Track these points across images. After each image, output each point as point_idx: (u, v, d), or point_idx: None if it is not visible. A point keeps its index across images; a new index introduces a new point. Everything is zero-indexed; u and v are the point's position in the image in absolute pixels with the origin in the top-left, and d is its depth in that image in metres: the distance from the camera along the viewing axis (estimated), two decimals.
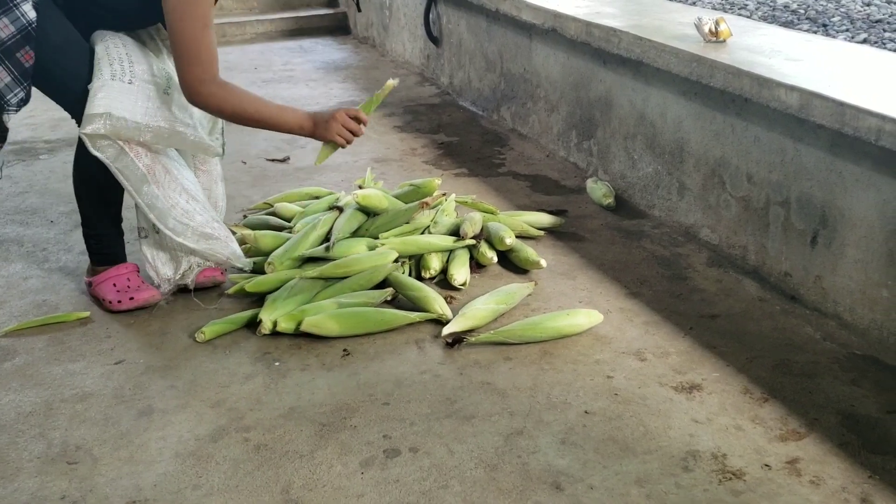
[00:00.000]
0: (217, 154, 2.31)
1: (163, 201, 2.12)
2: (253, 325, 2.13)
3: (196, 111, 2.19)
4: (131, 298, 2.23)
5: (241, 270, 2.32)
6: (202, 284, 2.33)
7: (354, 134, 2.19)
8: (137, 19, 2.15)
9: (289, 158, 3.41)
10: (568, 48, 3.13)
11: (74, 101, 2.05)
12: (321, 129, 2.15)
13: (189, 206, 2.16)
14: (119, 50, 2.07)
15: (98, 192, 2.23)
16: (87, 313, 2.23)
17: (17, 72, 1.97)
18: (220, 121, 2.31)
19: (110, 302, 2.23)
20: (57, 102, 2.14)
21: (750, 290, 2.29)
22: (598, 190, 2.88)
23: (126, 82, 2.04)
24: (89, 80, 2.03)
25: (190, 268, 2.26)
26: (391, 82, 2.22)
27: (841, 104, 1.92)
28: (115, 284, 2.25)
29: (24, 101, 2.02)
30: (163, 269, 2.25)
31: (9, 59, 1.95)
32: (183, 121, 2.13)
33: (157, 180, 2.11)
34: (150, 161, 2.10)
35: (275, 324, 2.09)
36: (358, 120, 2.19)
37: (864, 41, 5.24)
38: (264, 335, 2.10)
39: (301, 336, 2.09)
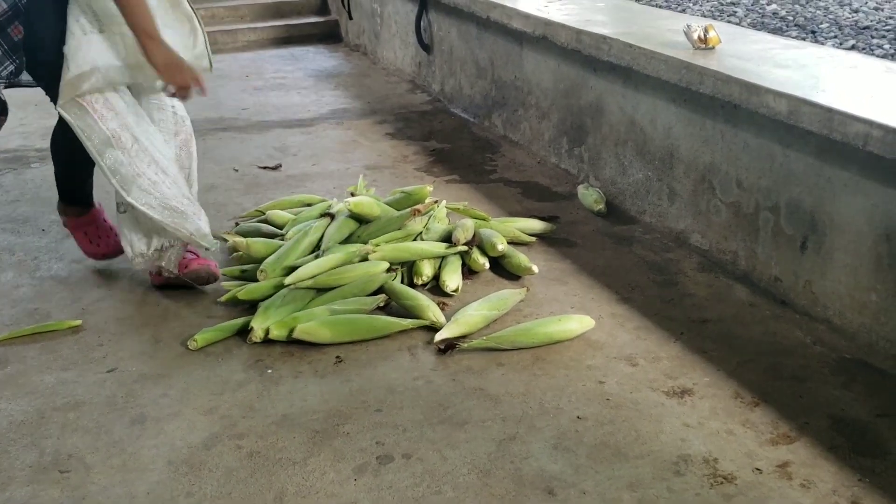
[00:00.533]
0: (206, 70, 2.29)
1: (127, 168, 2.15)
2: (246, 332, 2.13)
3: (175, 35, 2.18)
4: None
5: (206, 250, 2.32)
6: (197, 273, 2.35)
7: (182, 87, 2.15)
8: None
9: (280, 166, 3.41)
10: (558, 55, 3.15)
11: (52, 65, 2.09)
12: (160, 54, 2.08)
13: (157, 178, 2.19)
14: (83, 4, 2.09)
15: (68, 156, 2.34)
16: (78, 322, 2.23)
17: (7, 46, 2.03)
18: (201, 37, 2.28)
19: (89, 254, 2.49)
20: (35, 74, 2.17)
21: (740, 295, 2.31)
22: (590, 196, 2.90)
23: (98, 31, 2.09)
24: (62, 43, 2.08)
25: (163, 247, 2.28)
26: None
27: (829, 110, 1.94)
28: (86, 233, 2.47)
29: (14, 74, 2.07)
30: (137, 244, 2.27)
31: (0, 34, 2.01)
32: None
33: (124, 147, 2.14)
34: (116, 126, 2.14)
35: (267, 331, 2.09)
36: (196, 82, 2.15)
37: (853, 47, 5.28)
38: (257, 343, 2.10)
39: (294, 343, 2.09)
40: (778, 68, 2.29)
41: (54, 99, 2.14)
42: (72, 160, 2.34)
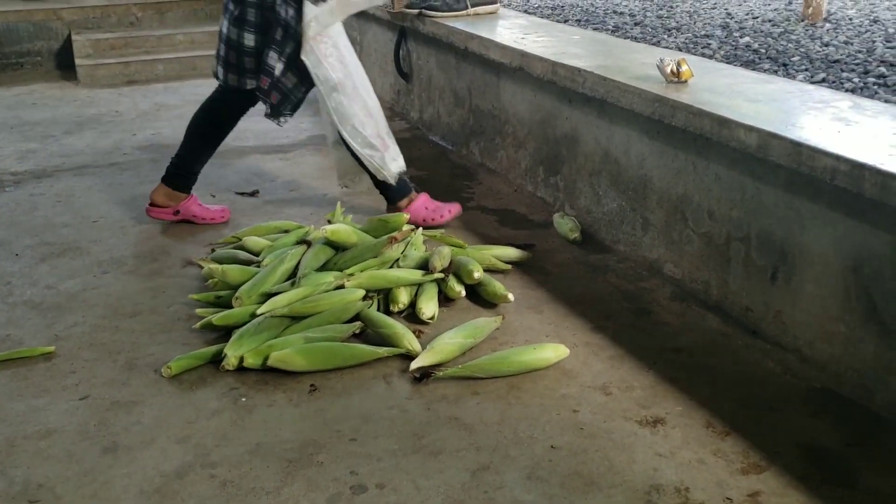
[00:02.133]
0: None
1: (346, 108, 2.79)
2: (220, 360, 2.12)
3: None
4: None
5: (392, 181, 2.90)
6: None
7: None
8: None
9: (258, 192, 3.41)
10: (535, 86, 3.20)
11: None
12: None
13: (365, 120, 2.81)
14: None
15: (211, 130, 3.11)
16: (51, 348, 2.21)
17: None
18: None
19: (424, 220, 2.95)
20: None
21: (712, 325, 2.34)
22: (565, 224, 2.93)
23: None
24: None
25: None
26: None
27: (797, 144, 1.99)
28: (426, 208, 2.99)
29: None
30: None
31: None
32: None
33: (346, 92, 2.77)
34: (342, 75, 2.76)
35: (241, 359, 2.09)
36: None
37: (823, 80, 5.39)
38: (231, 370, 2.09)
39: (268, 371, 2.08)
40: (748, 102, 2.34)
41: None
42: (206, 143, 3.11)
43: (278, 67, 2.77)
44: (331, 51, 2.75)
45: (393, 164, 2.90)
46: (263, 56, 2.76)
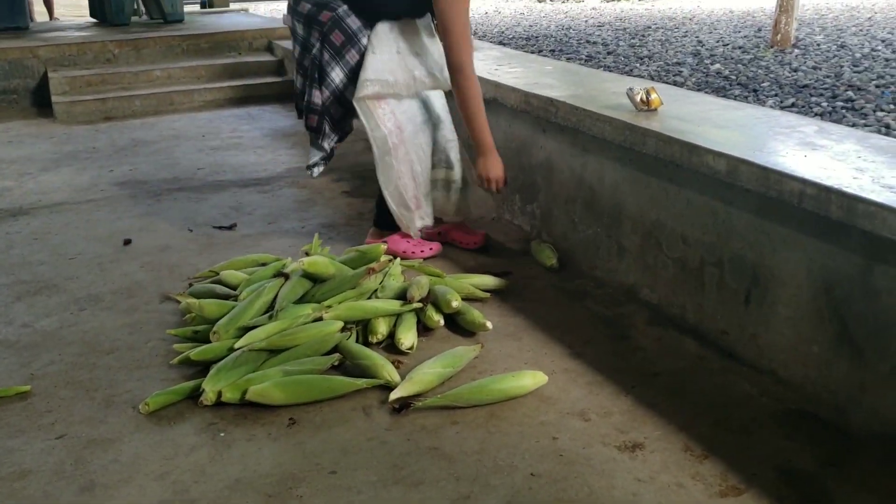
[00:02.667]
0: (447, 88, 2.87)
1: (393, 171, 2.85)
2: (199, 395, 2.11)
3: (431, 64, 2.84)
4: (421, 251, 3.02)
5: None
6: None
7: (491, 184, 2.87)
8: (409, 12, 2.80)
9: (236, 225, 3.42)
10: (509, 116, 3.24)
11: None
12: (487, 162, 2.84)
13: (408, 183, 2.88)
14: (388, 32, 2.77)
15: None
16: (27, 387, 2.19)
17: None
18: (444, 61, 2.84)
19: (404, 252, 2.98)
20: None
21: (689, 349, 2.36)
22: (542, 251, 2.95)
23: (395, 53, 2.76)
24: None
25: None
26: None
27: (765, 169, 2.03)
28: (408, 242, 3.02)
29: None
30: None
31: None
32: (424, 72, 2.82)
33: (397, 157, 2.83)
34: (397, 141, 2.82)
35: (219, 394, 2.08)
36: (504, 182, 2.88)
37: (793, 105, 5.50)
38: (209, 405, 2.08)
39: (247, 405, 2.08)
40: (717, 129, 2.38)
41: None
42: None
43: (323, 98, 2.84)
44: (389, 115, 2.81)
45: (420, 221, 2.96)
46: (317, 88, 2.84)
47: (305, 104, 2.85)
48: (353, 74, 2.77)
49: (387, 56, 2.75)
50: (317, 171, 2.97)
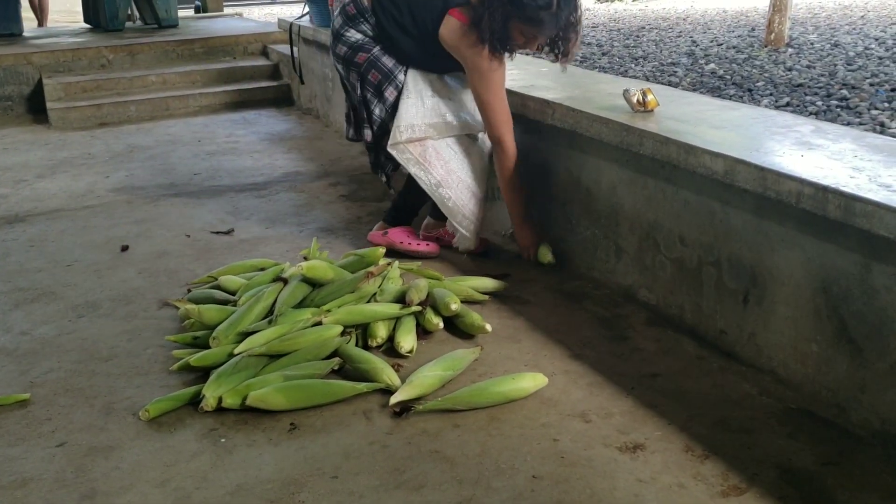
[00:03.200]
0: (480, 130, 2.98)
1: (455, 202, 2.93)
2: (199, 401, 2.11)
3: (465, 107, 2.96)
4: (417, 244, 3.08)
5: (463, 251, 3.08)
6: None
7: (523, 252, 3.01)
8: (436, 68, 2.91)
9: (233, 231, 3.42)
10: None
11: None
12: (519, 232, 2.99)
13: (474, 209, 2.98)
14: (419, 80, 2.90)
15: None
16: (26, 395, 2.19)
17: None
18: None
19: (401, 242, 3.07)
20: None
21: (688, 349, 2.36)
22: (539, 249, 2.96)
23: (429, 96, 2.88)
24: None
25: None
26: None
27: (762, 169, 2.03)
28: (407, 235, 3.11)
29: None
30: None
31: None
32: (455, 117, 2.92)
33: (451, 186, 2.91)
34: (444, 173, 2.90)
35: (219, 400, 2.08)
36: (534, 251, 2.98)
37: (788, 104, 5.50)
38: (210, 411, 2.08)
39: (247, 411, 2.07)
40: (714, 129, 2.39)
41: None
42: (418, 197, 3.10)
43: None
44: (429, 152, 2.89)
45: (467, 241, 3.05)
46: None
47: (364, 141, 3.07)
48: (393, 110, 2.90)
49: (420, 100, 2.87)
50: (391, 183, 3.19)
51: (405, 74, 2.88)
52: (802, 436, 1.95)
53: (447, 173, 2.90)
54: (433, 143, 2.90)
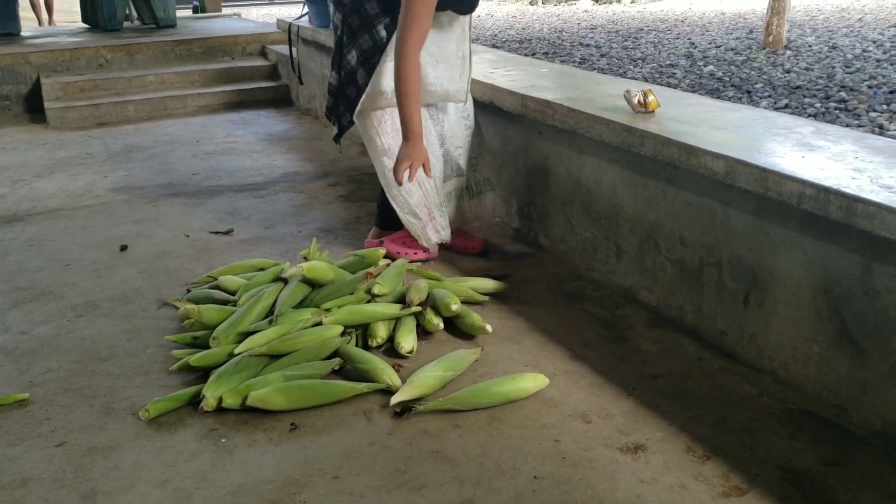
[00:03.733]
0: (460, 101, 2.92)
1: (391, 174, 2.71)
2: (199, 401, 2.10)
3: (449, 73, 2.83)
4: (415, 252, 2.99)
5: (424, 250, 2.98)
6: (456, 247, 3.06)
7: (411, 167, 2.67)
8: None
9: (232, 231, 3.41)
10: (505, 119, 3.24)
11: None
12: (411, 147, 2.65)
13: (412, 188, 2.82)
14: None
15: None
16: (25, 395, 2.18)
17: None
18: (467, 74, 2.91)
19: (398, 253, 2.98)
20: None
21: (689, 350, 2.36)
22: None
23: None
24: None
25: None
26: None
27: (763, 170, 2.03)
28: (404, 242, 3.03)
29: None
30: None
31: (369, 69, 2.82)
32: (434, 81, 2.78)
33: (393, 158, 2.70)
34: (392, 142, 2.76)
35: (220, 400, 2.07)
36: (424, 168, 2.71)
37: (786, 106, 5.51)
38: (210, 411, 2.07)
39: (248, 411, 2.07)
40: (714, 130, 2.39)
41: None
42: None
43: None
44: (386, 121, 2.81)
45: (435, 235, 2.95)
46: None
47: (328, 86, 3.00)
48: (365, 59, 2.82)
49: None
50: (340, 139, 3.15)
51: (385, 31, 2.78)
52: (804, 436, 1.95)
53: (396, 144, 2.77)
54: (394, 114, 2.78)
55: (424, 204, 2.90)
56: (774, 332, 2.16)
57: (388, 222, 3.06)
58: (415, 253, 3.01)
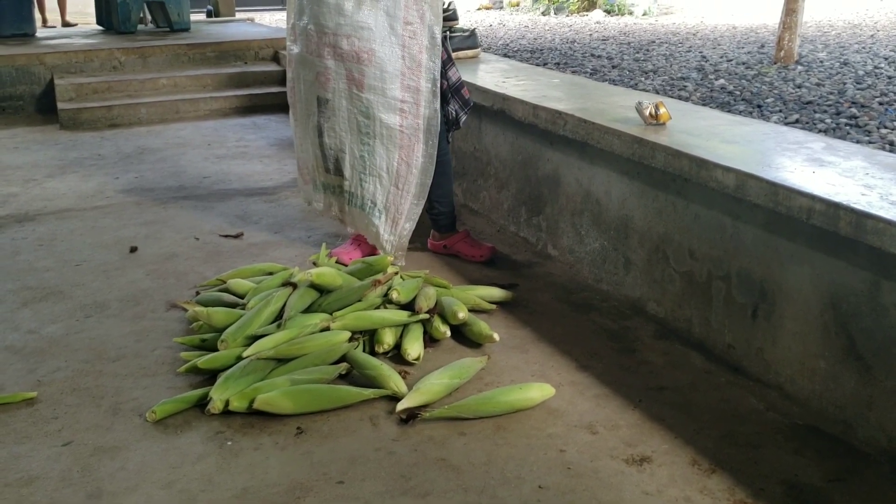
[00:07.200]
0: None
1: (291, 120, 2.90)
2: (206, 403, 2.11)
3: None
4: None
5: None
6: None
7: None
8: None
9: (242, 234, 3.42)
10: (516, 128, 3.25)
11: None
12: None
13: (308, 147, 2.96)
14: None
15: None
16: (33, 394, 2.19)
17: (461, 102, 2.96)
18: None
19: (459, 252, 3.11)
20: None
21: (696, 363, 2.36)
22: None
23: None
24: None
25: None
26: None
27: (773, 184, 2.03)
28: (469, 244, 3.11)
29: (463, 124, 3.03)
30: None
31: (457, 94, 2.93)
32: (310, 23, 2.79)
33: (295, 112, 2.89)
34: (293, 98, 2.97)
35: (226, 402, 2.08)
36: None
37: (797, 121, 5.50)
38: (216, 414, 2.08)
39: (254, 414, 2.08)
40: (725, 143, 2.39)
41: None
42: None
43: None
44: (293, 75, 2.95)
45: (316, 203, 3.06)
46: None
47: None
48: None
49: None
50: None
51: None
52: (809, 451, 1.94)
53: (294, 103, 2.94)
54: (299, 75, 2.93)
55: (302, 163, 3.05)
56: (782, 347, 2.16)
57: (445, 225, 3.17)
58: (349, 257, 2.98)
